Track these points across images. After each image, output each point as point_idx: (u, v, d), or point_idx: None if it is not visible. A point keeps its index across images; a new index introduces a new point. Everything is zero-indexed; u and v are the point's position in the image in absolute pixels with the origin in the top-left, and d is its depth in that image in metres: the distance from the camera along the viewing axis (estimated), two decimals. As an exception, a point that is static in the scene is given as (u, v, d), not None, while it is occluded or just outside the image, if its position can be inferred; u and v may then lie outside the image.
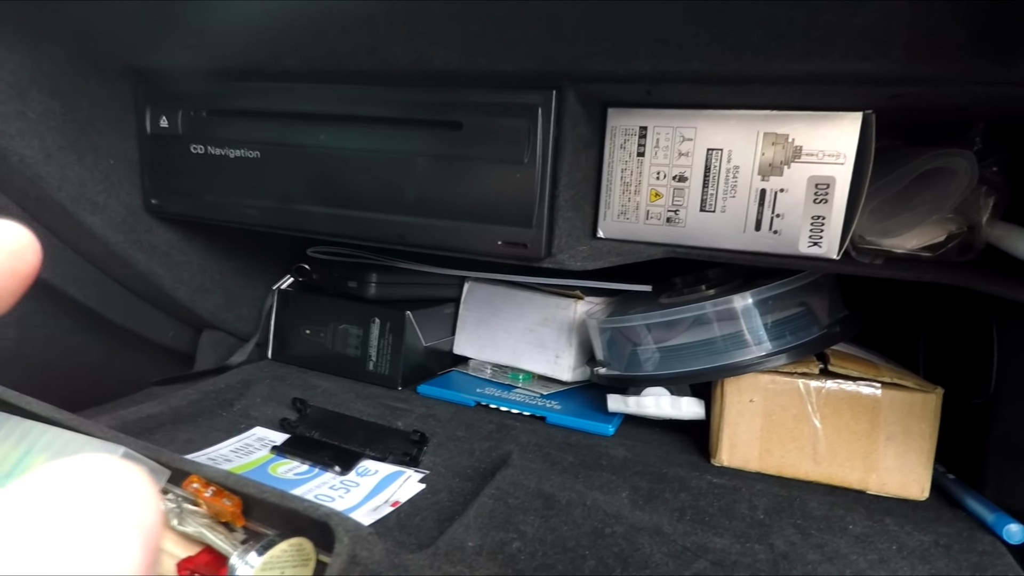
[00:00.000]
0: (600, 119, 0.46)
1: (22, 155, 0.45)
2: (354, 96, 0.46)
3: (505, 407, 0.57)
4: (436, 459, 0.48)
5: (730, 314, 0.47)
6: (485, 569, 0.34)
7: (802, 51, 0.32)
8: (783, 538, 0.40)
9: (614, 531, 0.39)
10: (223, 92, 0.50)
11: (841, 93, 0.37)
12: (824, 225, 0.42)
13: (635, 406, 0.52)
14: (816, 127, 0.40)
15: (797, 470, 0.47)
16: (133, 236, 0.54)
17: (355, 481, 0.44)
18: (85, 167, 0.50)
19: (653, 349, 0.51)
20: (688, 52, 0.34)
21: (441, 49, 0.39)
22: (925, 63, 0.31)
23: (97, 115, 0.51)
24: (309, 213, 0.49)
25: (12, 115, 0.44)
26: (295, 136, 0.48)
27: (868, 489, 0.46)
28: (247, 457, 0.46)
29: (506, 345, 0.63)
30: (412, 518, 0.40)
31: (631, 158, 0.45)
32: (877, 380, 0.45)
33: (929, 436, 0.44)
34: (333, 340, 0.62)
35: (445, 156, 0.44)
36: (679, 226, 0.45)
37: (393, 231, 0.47)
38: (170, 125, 0.52)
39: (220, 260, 0.62)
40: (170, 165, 0.53)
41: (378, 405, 0.56)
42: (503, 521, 0.39)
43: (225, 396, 0.56)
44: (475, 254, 0.45)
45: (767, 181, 0.42)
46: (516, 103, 0.41)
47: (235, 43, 0.44)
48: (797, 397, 0.46)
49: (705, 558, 0.37)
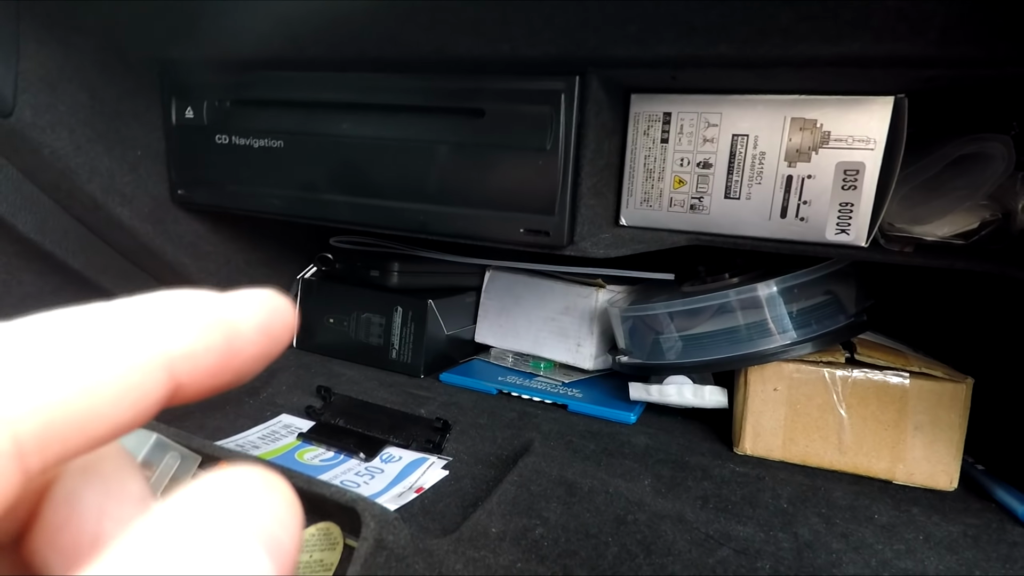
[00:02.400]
0: (623, 105, 0.45)
1: (53, 147, 0.46)
2: (376, 84, 0.46)
3: (527, 395, 0.57)
4: (459, 446, 0.48)
5: (754, 302, 0.46)
6: (509, 554, 0.35)
7: (833, 33, 0.31)
8: (807, 527, 0.39)
9: (636, 518, 0.39)
10: (247, 82, 0.51)
11: (872, 76, 0.36)
12: (852, 212, 0.41)
13: (657, 394, 0.52)
14: (845, 112, 0.40)
15: (822, 459, 0.46)
16: (161, 227, 0.55)
17: (379, 467, 0.45)
18: (114, 159, 0.51)
19: (676, 337, 0.50)
20: (715, 35, 0.33)
21: (464, 36, 0.39)
22: (962, 44, 0.30)
23: (124, 107, 0.51)
24: (332, 202, 0.49)
25: (43, 108, 0.45)
26: (318, 125, 0.49)
27: (894, 479, 0.45)
28: (274, 444, 0.47)
29: (527, 333, 0.63)
30: (436, 504, 0.41)
31: (654, 144, 0.45)
32: (905, 369, 0.44)
33: (959, 426, 0.43)
34: (356, 329, 0.63)
35: (467, 144, 0.44)
36: (703, 213, 0.45)
37: (415, 219, 0.47)
38: (195, 116, 0.53)
39: (245, 250, 0.63)
40: (195, 156, 0.54)
41: (401, 393, 0.57)
42: (526, 508, 0.39)
43: (251, 384, 0.57)
44: (497, 242, 0.45)
45: (794, 167, 0.41)
46: (539, 90, 0.41)
47: (258, 33, 0.44)
48: (822, 386, 0.46)
49: (728, 546, 0.37)
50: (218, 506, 0.09)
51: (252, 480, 0.10)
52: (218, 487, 0.10)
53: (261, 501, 0.10)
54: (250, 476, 0.10)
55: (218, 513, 0.09)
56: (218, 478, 0.10)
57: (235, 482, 0.10)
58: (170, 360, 0.10)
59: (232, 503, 0.10)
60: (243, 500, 0.10)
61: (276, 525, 0.10)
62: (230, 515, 0.09)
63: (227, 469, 0.10)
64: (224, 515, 0.09)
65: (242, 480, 0.10)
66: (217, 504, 0.10)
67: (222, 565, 0.09)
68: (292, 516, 0.10)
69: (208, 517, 0.09)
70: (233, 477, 0.10)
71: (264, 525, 0.10)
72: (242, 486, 0.10)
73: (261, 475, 0.10)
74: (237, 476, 0.10)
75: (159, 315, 0.11)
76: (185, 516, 0.09)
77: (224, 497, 0.10)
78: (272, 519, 0.10)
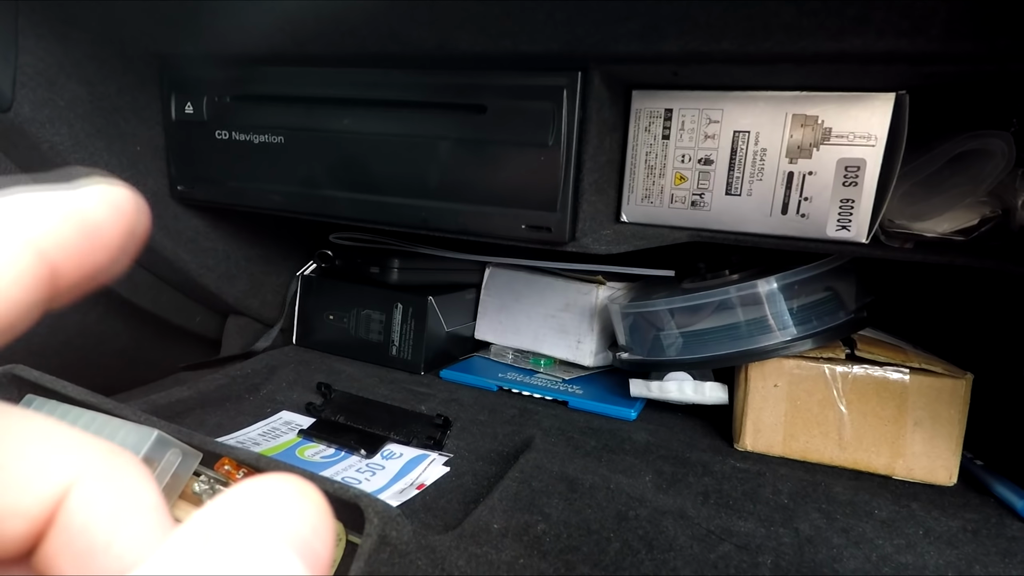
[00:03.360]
0: (625, 101, 0.45)
1: (52, 142, 0.46)
2: (377, 80, 0.46)
3: (527, 392, 0.57)
4: (460, 443, 0.48)
5: (754, 299, 0.46)
6: (511, 550, 0.35)
7: (835, 29, 0.31)
8: (808, 522, 0.39)
9: (638, 514, 0.39)
10: (247, 77, 0.50)
11: (874, 73, 0.36)
12: (853, 208, 0.41)
13: (658, 391, 0.52)
14: (847, 108, 0.40)
15: (822, 455, 0.47)
16: (160, 223, 0.55)
17: (380, 464, 0.45)
18: (113, 154, 0.50)
19: (676, 334, 0.50)
20: (717, 31, 0.33)
21: (465, 32, 0.39)
22: (963, 40, 0.30)
23: (124, 102, 0.51)
24: (333, 198, 0.49)
25: (42, 102, 0.45)
26: (319, 121, 0.48)
27: (894, 475, 0.45)
28: (275, 440, 0.47)
29: (528, 330, 0.63)
30: (437, 500, 0.41)
31: (656, 141, 0.45)
32: (905, 365, 0.44)
33: (958, 422, 0.44)
34: (356, 325, 0.63)
35: (469, 140, 0.44)
36: (704, 210, 0.45)
37: (416, 215, 0.47)
38: (195, 111, 0.53)
39: (245, 247, 0.63)
40: (195, 151, 0.54)
41: (401, 389, 0.57)
42: (527, 504, 0.39)
43: (252, 381, 0.57)
44: (499, 238, 0.45)
45: (795, 164, 0.41)
46: (541, 85, 0.41)
47: (259, 29, 0.44)
48: (823, 382, 0.46)
49: (729, 541, 0.37)
50: (253, 513, 0.10)
51: (285, 488, 0.10)
52: (253, 495, 0.10)
53: (294, 508, 0.10)
54: (283, 484, 0.10)
55: (253, 520, 0.10)
56: (252, 485, 0.10)
57: (269, 490, 0.10)
58: (37, 242, 0.11)
59: (266, 510, 0.10)
60: (277, 507, 0.10)
61: (309, 531, 0.10)
62: (265, 522, 0.10)
63: (261, 477, 0.11)
64: (259, 522, 0.10)
65: (276, 488, 0.10)
66: (252, 511, 0.10)
67: (257, 570, 0.09)
68: (324, 523, 0.11)
69: (243, 524, 0.10)
70: (267, 485, 0.10)
71: (297, 531, 0.10)
72: (275, 493, 0.10)
73: (294, 482, 0.11)
74: (271, 484, 0.10)
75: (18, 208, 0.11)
76: (222, 523, 0.10)
77: (259, 504, 0.10)
78: (305, 526, 0.10)
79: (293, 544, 0.10)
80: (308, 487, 0.11)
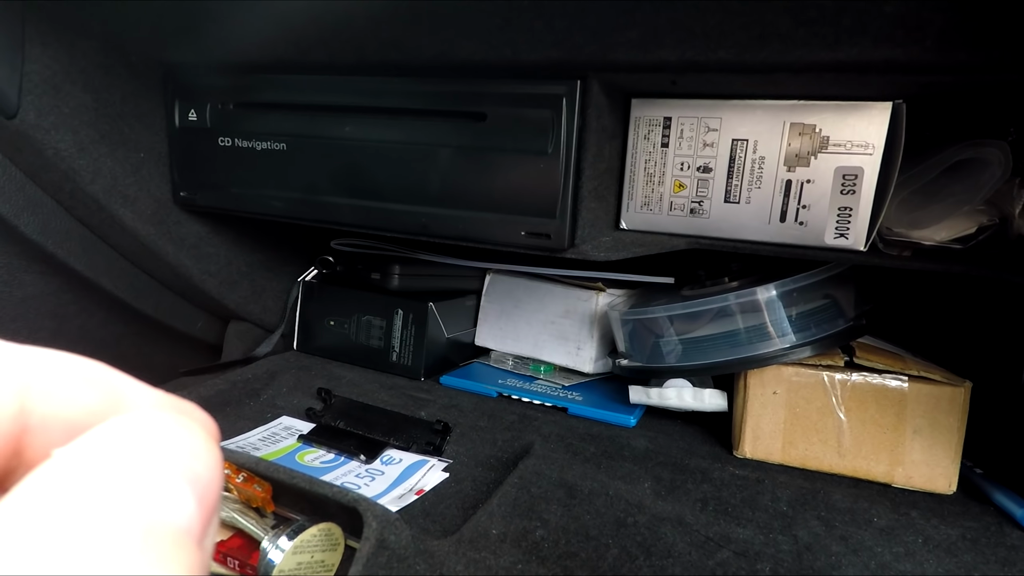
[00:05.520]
0: (624, 109, 0.45)
1: (57, 148, 0.46)
2: (379, 88, 0.46)
3: (527, 398, 0.57)
4: (459, 448, 0.48)
5: (753, 306, 0.47)
6: (509, 556, 0.35)
7: (832, 39, 0.32)
8: (807, 530, 0.39)
9: (636, 521, 0.39)
10: (250, 85, 0.51)
11: (870, 82, 0.37)
12: (851, 216, 0.41)
13: (657, 398, 0.52)
14: (844, 117, 0.40)
15: (821, 463, 0.47)
16: (163, 228, 0.55)
17: (380, 469, 0.45)
18: (117, 160, 0.51)
19: (675, 341, 0.50)
20: (715, 41, 0.34)
21: (466, 40, 0.39)
22: (958, 50, 0.30)
23: (128, 109, 0.52)
24: (334, 204, 0.50)
25: (48, 109, 0.45)
26: (320, 128, 0.49)
27: (893, 482, 0.45)
28: (275, 445, 0.47)
29: (527, 337, 0.63)
30: (437, 506, 0.41)
31: (655, 149, 0.45)
32: (904, 373, 0.44)
33: (957, 430, 0.44)
34: (357, 331, 0.63)
35: (469, 147, 0.44)
36: (703, 217, 0.45)
37: (417, 222, 0.47)
38: (198, 118, 0.53)
39: (246, 252, 0.63)
40: (198, 158, 0.54)
41: (401, 395, 0.57)
42: (526, 509, 0.39)
43: (252, 386, 0.57)
44: (499, 244, 0.45)
45: (793, 172, 0.42)
46: (540, 93, 0.41)
47: (261, 37, 0.45)
48: (821, 390, 0.46)
49: (728, 548, 0.37)
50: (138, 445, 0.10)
51: (167, 421, 0.11)
52: (134, 428, 0.10)
53: (179, 440, 0.10)
54: (164, 418, 0.11)
55: (139, 451, 0.10)
56: (132, 419, 0.10)
57: (150, 423, 0.10)
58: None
59: (147, 442, 0.10)
60: (156, 438, 0.10)
61: (195, 462, 0.10)
62: (147, 453, 0.10)
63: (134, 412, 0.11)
64: (142, 453, 0.10)
65: (157, 421, 0.11)
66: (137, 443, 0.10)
67: (148, 499, 0.09)
68: (210, 453, 0.11)
69: (129, 455, 0.10)
70: (147, 418, 0.10)
71: (184, 462, 0.10)
72: (158, 427, 0.10)
73: (175, 417, 0.11)
74: (151, 417, 0.11)
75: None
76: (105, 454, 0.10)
77: (142, 437, 0.10)
78: (191, 456, 0.10)
79: (183, 474, 0.10)
80: (189, 421, 0.11)
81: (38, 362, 0.11)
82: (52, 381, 0.11)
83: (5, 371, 0.11)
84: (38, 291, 0.51)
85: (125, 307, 0.57)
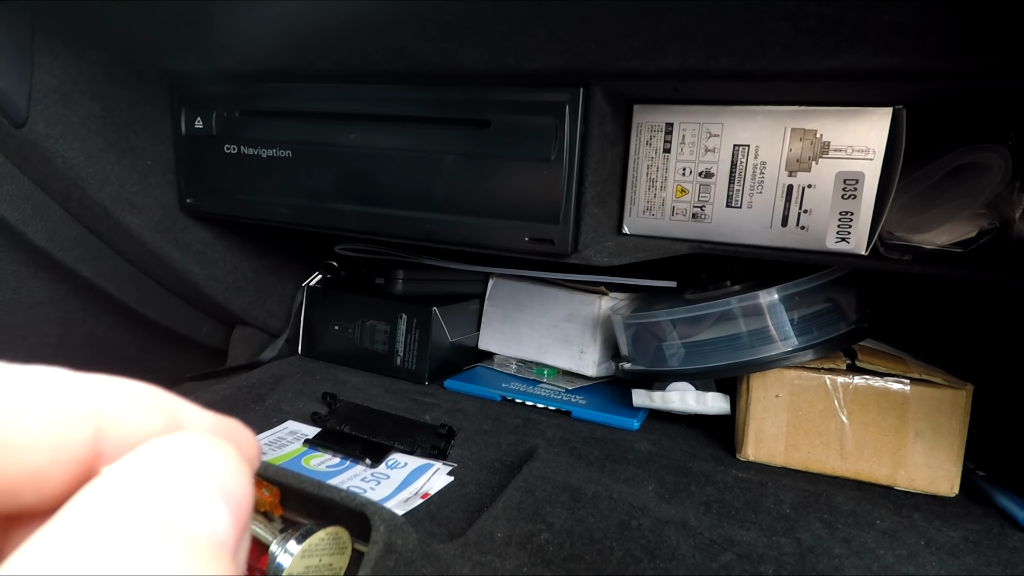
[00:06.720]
0: (626, 116, 0.46)
1: (65, 157, 0.47)
2: (383, 96, 0.47)
3: (530, 402, 0.58)
4: (464, 452, 0.49)
5: (756, 310, 0.47)
6: (514, 559, 0.35)
7: (831, 47, 0.32)
8: (810, 532, 0.40)
9: (640, 524, 0.39)
10: (255, 93, 0.51)
11: (870, 89, 0.37)
12: (852, 221, 0.41)
13: (660, 401, 0.52)
14: (845, 123, 0.40)
15: (824, 465, 0.47)
16: (169, 235, 0.56)
17: (385, 473, 0.45)
18: (124, 168, 0.51)
19: (678, 344, 0.51)
20: (716, 49, 0.34)
21: (470, 49, 0.39)
22: (957, 58, 0.30)
23: (135, 117, 0.52)
24: (339, 211, 0.50)
25: (56, 118, 0.46)
26: (325, 136, 0.49)
27: (896, 485, 0.45)
28: (281, 450, 0.48)
29: (531, 341, 0.64)
30: (442, 509, 0.41)
31: (657, 154, 0.46)
32: (906, 376, 0.45)
33: (959, 432, 0.44)
34: (361, 336, 0.64)
35: (473, 154, 0.45)
36: (705, 222, 0.45)
37: (421, 228, 0.47)
38: (204, 126, 0.54)
39: (252, 258, 0.64)
40: (204, 165, 0.55)
41: (406, 399, 0.57)
42: (531, 513, 0.40)
43: (257, 391, 0.57)
44: (502, 250, 0.46)
45: (794, 177, 0.42)
46: (543, 101, 0.42)
47: (267, 45, 0.45)
48: (824, 393, 0.46)
49: (731, 551, 0.37)
50: (177, 463, 0.11)
51: (203, 442, 0.11)
52: (174, 448, 0.11)
53: (214, 459, 0.11)
54: (201, 439, 0.11)
55: (178, 469, 0.10)
56: (171, 440, 0.11)
57: (188, 444, 0.11)
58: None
59: (185, 462, 0.11)
60: (194, 459, 0.11)
61: (229, 479, 0.11)
62: (186, 472, 0.11)
63: (173, 435, 0.11)
64: (181, 472, 0.10)
65: (195, 442, 0.11)
66: (176, 462, 0.11)
67: (188, 513, 0.10)
68: (241, 470, 0.11)
69: (170, 473, 0.10)
70: (185, 440, 0.11)
71: (219, 480, 0.11)
72: (195, 447, 0.11)
73: (211, 439, 0.11)
74: (189, 439, 0.11)
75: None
76: (148, 472, 0.10)
77: (181, 456, 0.11)
78: (225, 474, 0.11)
79: (217, 490, 0.10)
80: (219, 440, 0.12)
81: (110, 390, 0.12)
82: (122, 408, 0.12)
83: (82, 400, 0.11)
84: (46, 298, 0.52)
85: (131, 313, 0.57)
